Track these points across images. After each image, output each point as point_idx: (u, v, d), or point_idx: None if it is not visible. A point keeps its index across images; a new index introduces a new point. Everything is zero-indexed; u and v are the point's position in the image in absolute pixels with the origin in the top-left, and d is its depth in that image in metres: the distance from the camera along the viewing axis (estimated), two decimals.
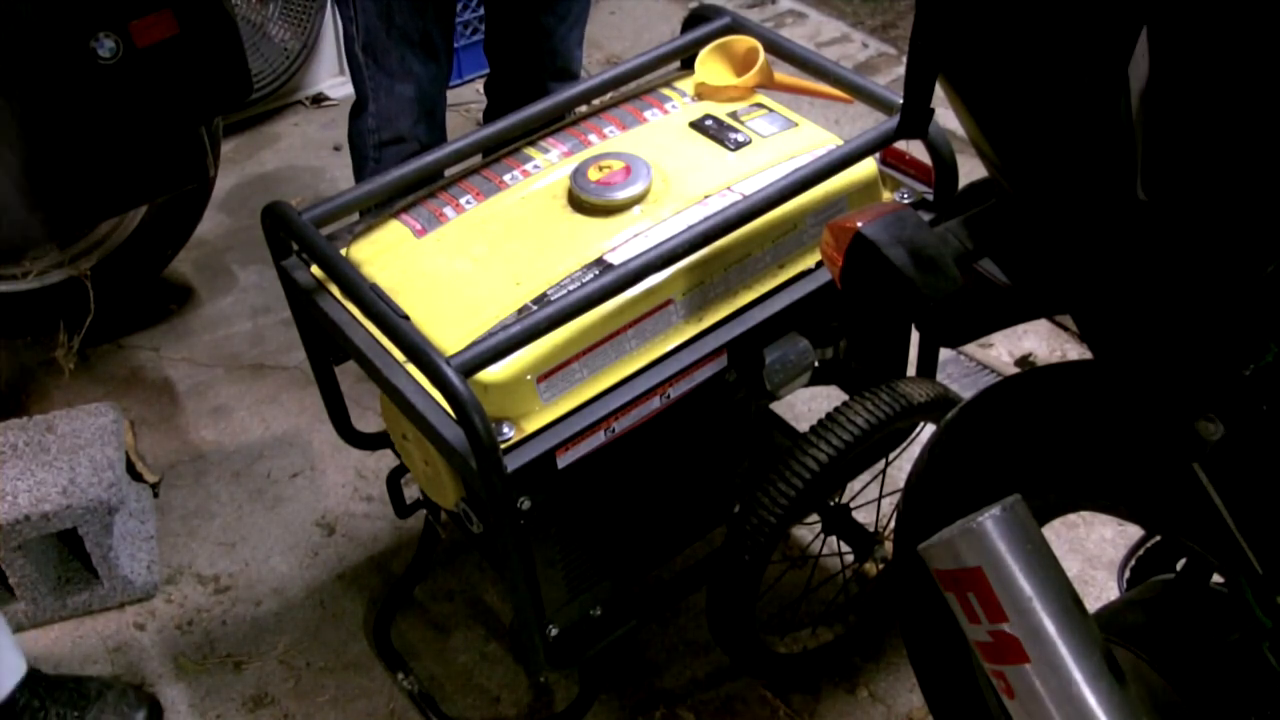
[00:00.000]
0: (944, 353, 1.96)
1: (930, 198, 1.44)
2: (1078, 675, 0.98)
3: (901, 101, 1.07)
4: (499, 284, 1.30)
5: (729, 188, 1.38)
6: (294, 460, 2.18)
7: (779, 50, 1.55)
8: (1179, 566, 1.21)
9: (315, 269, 1.41)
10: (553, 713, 1.72)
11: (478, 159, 1.49)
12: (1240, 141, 0.80)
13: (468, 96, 3.18)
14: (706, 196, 1.37)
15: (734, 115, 1.49)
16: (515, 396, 1.23)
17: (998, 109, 0.94)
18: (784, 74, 1.56)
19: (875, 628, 1.78)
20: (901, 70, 2.62)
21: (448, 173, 1.49)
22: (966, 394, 1.33)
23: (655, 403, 1.29)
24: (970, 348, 2.25)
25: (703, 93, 1.54)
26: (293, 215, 1.35)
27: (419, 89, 1.89)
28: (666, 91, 1.57)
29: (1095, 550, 1.88)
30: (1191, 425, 0.85)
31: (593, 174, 1.38)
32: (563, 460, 1.24)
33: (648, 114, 1.52)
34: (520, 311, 1.26)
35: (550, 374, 1.24)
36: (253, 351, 2.43)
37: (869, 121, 1.52)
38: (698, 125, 1.48)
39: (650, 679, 1.77)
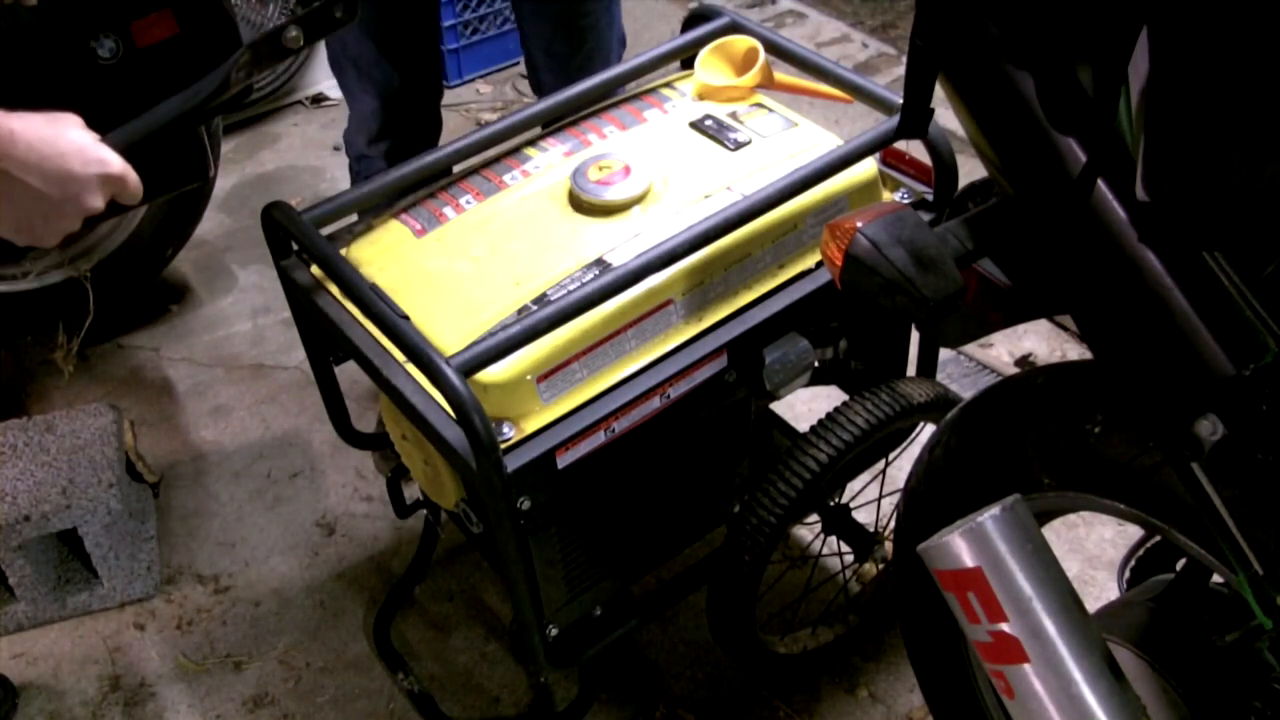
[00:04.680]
0: (944, 353, 1.97)
1: (930, 198, 1.44)
2: (1078, 675, 0.98)
3: (901, 101, 1.07)
4: (499, 284, 1.30)
5: (729, 188, 1.38)
6: (294, 460, 2.18)
7: (779, 50, 1.55)
8: (1179, 566, 1.21)
9: (315, 269, 1.41)
10: (553, 713, 1.72)
11: (478, 159, 1.49)
12: (1240, 142, 0.80)
13: (468, 96, 3.18)
14: (706, 196, 1.37)
15: (734, 115, 1.49)
16: (515, 396, 1.23)
17: (998, 110, 0.95)
18: (784, 74, 1.56)
19: (875, 628, 1.78)
20: (901, 70, 2.62)
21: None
22: (966, 394, 1.33)
23: (655, 403, 1.29)
24: (970, 348, 2.26)
25: (703, 93, 1.54)
26: (293, 215, 1.35)
27: (375, 110, 1.90)
28: (666, 91, 1.57)
29: (1095, 550, 1.88)
30: (1191, 425, 0.85)
31: (593, 174, 1.38)
32: (563, 460, 1.24)
33: (648, 114, 1.52)
34: (520, 311, 1.26)
35: (550, 374, 1.24)
36: (253, 351, 2.43)
37: (869, 121, 1.52)
38: (698, 125, 1.48)
39: (650, 679, 1.77)
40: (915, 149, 1.45)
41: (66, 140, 1.05)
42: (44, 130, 1.04)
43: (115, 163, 1.08)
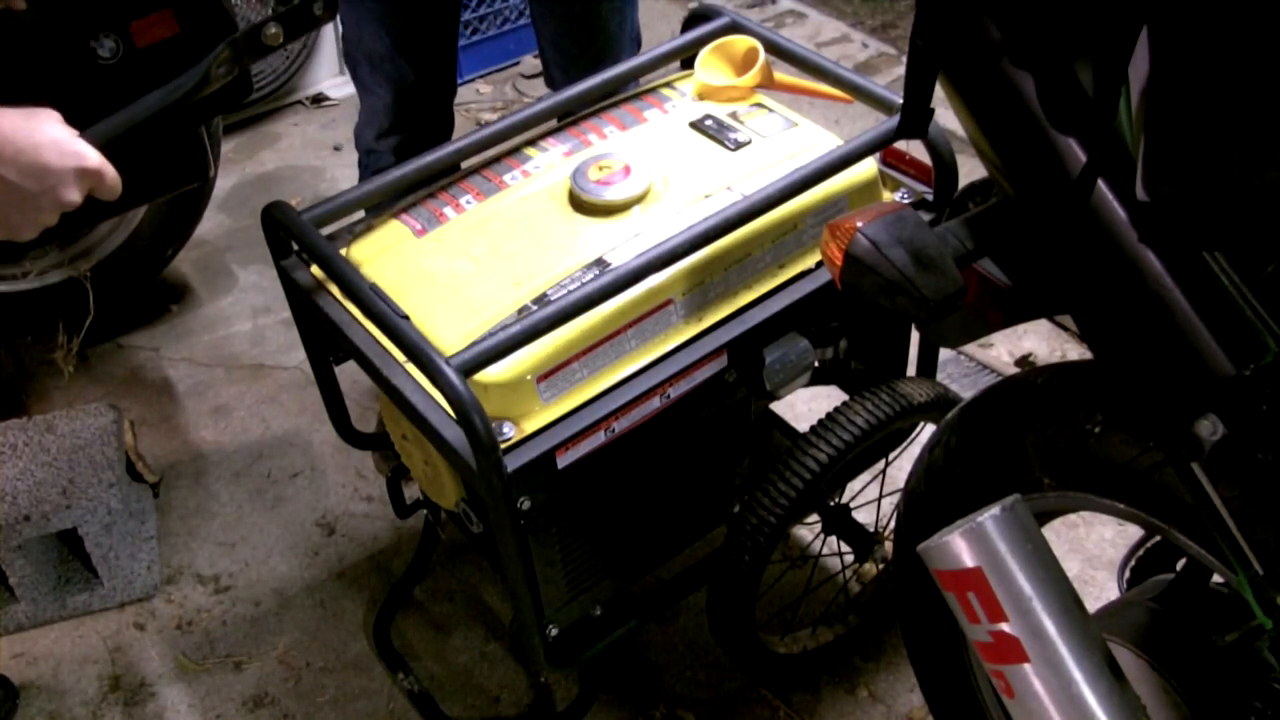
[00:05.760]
0: (944, 353, 1.96)
1: (930, 198, 1.44)
2: (1078, 675, 0.98)
3: (901, 101, 1.07)
4: (499, 284, 1.30)
5: (729, 188, 1.38)
6: (294, 460, 2.18)
7: (779, 50, 1.55)
8: (1179, 566, 1.21)
9: (315, 269, 1.41)
10: (553, 713, 1.72)
11: (478, 158, 1.49)
12: (1240, 142, 0.80)
13: (468, 96, 3.18)
14: (706, 196, 1.37)
15: (734, 115, 1.49)
16: (515, 396, 1.23)
17: (998, 110, 0.95)
18: (784, 74, 1.56)
19: (875, 628, 1.78)
20: (901, 70, 2.62)
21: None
22: (966, 394, 1.33)
23: (655, 403, 1.29)
24: (970, 348, 2.26)
25: (703, 93, 1.54)
26: (293, 215, 1.35)
27: (386, 105, 1.90)
28: (666, 91, 1.57)
29: (1095, 550, 1.88)
30: (1191, 425, 0.85)
31: (593, 174, 1.38)
32: (563, 460, 1.24)
33: (648, 114, 1.52)
34: (520, 311, 1.26)
35: (550, 374, 1.24)
36: (253, 351, 2.43)
37: (869, 121, 1.52)
38: (698, 125, 1.48)
39: (650, 679, 1.77)
40: (915, 149, 1.45)
41: (42, 133, 1.05)
42: (20, 123, 1.04)
43: (92, 156, 1.08)
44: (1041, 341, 2.27)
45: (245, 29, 1.20)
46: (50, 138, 1.05)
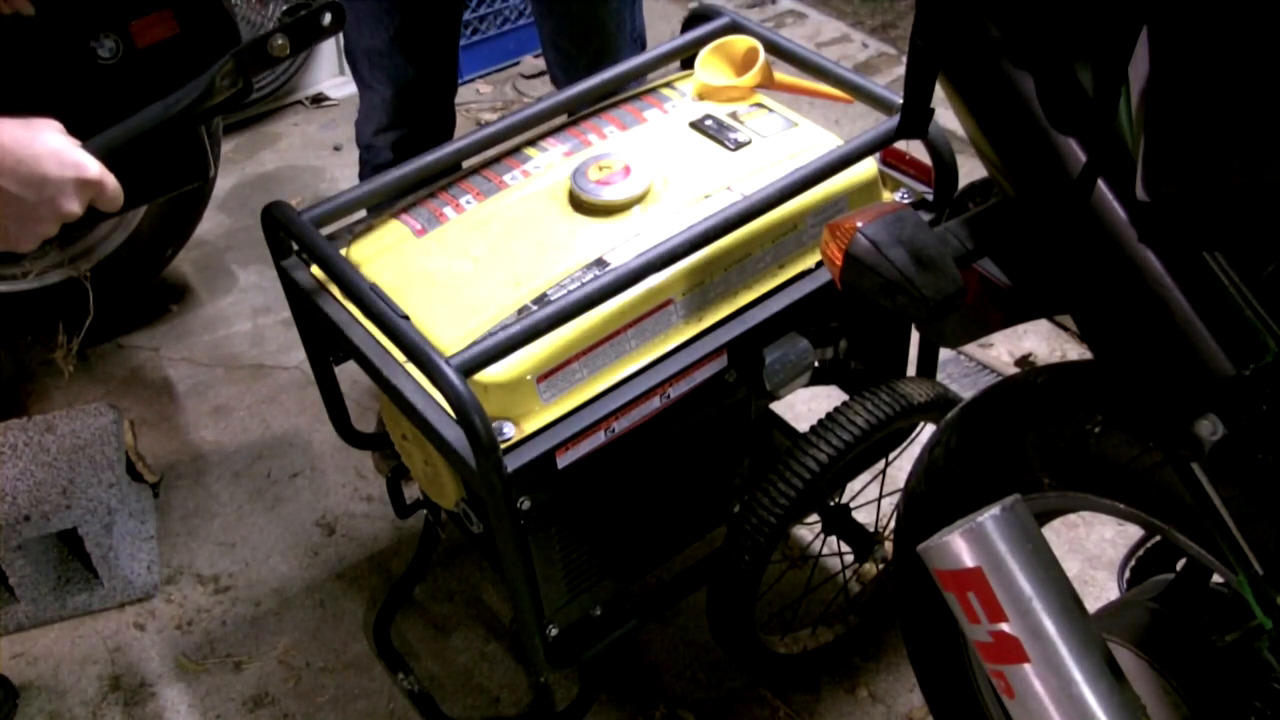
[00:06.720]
0: (944, 353, 1.96)
1: (930, 198, 1.44)
2: (1078, 675, 0.98)
3: (901, 101, 1.07)
4: (499, 284, 1.30)
5: (729, 188, 1.38)
6: (294, 460, 2.18)
7: (779, 50, 1.55)
8: (1179, 566, 1.21)
9: (315, 269, 1.41)
10: (553, 713, 1.72)
11: (478, 158, 1.49)
12: (1241, 142, 0.80)
13: (468, 96, 3.18)
14: (706, 196, 1.37)
15: (734, 115, 1.49)
16: (515, 396, 1.23)
17: (998, 110, 0.95)
18: (784, 74, 1.56)
19: (875, 628, 1.78)
20: (901, 70, 2.62)
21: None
22: (966, 394, 1.33)
23: (655, 403, 1.29)
24: (970, 348, 2.26)
25: (703, 93, 1.54)
26: (293, 215, 1.35)
27: (385, 100, 1.90)
28: (666, 91, 1.57)
29: (1095, 550, 1.88)
30: (1191, 425, 0.85)
31: (593, 174, 1.38)
32: (563, 460, 1.24)
33: (648, 114, 1.52)
34: (520, 311, 1.26)
35: (550, 374, 1.24)
36: (253, 351, 2.43)
37: (869, 121, 1.52)
38: (698, 125, 1.48)
39: (650, 679, 1.77)
40: (915, 149, 1.45)
41: (41, 143, 1.03)
42: (19, 133, 1.02)
43: (93, 167, 1.06)
44: (1041, 341, 2.27)
45: (250, 40, 1.19)
46: (50, 148, 1.04)
